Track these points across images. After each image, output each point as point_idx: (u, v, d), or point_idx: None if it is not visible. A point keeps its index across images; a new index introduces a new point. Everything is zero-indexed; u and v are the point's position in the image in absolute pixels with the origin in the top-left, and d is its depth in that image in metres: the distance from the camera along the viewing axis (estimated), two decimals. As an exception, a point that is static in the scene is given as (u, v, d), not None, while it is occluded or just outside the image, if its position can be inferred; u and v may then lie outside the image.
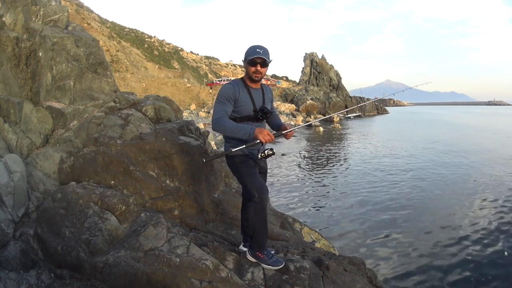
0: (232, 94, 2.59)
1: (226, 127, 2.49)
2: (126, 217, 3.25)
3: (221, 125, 2.49)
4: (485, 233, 6.67)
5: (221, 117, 2.51)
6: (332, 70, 58.71)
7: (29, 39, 4.48)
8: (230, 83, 2.68)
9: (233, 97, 2.59)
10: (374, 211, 7.97)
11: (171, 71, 70.55)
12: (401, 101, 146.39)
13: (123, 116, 4.47)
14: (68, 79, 4.53)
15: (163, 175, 3.80)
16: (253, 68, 2.60)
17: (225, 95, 2.58)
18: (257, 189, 2.58)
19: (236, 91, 2.61)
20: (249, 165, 2.67)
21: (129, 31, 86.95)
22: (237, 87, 2.63)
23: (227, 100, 2.57)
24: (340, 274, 2.92)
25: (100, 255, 2.84)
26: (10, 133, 4.08)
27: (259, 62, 2.58)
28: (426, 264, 5.47)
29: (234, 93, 2.59)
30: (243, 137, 2.49)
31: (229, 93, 2.58)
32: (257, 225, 2.63)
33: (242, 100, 2.63)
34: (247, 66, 2.62)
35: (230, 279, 2.55)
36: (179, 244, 2.80)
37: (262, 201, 2.57)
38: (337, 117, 40.74)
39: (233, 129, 2.48)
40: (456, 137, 23.14)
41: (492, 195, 9.22)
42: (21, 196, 3.48)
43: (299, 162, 14.49)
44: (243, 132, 2.46)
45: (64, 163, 3.88)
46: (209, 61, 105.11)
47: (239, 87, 2.65)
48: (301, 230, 4.75)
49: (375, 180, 11.01)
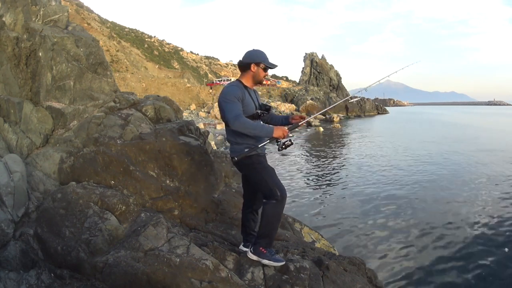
0: (241, 95, 2.68)
1: (248, 125, 2.56)
2: (126, 217, 3.25)
3: (243, 123, 2.55)
4: (486, 233, 6.67)
5: (240, 114, 2.58)
6: (332, 70, 58.75)
7: (29, 39, 4.48)
8: (234, 85, 2.75)
9: (241, 97, 2.68)
10: (374, 211, 7.97)
11: (171, 71, 70.57)
12: (401, 101, 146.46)
13: (123, 116, 4.47)
14: (68, 79, 4.53)
15: (163, 175, 3.80)
16: (265, 73, 2.79)
17: (236, 95, 2.65)
18: (279, 187, 2.67)
19: (242, 92, 2.71)
20: (266, 164, 2.78)
21: (129, 31, 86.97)
22: (241, 89, 2.73)
23: (238, 100, 2.65)
24: (340, 274, 2.92)
25: (100, 255, 2.84)
26: (10, 133, 4.08)
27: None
28: (426, 264, 5.46)
29: (242, 95, 2.69)
30: (265, 135, 2.61)
31: (238, 93, 2.67)
32: (275, 221, 2.72)
33: (247, 100, 2.73)
34: (259, 70, 2.74)
35: (230, 279, 2.55)
36: (179, 244, 2.80)
37: (283, 199, 2.68)
38: (337, 117, 40.78)
39: (255, 126, 2.58)
40: (456, 137, 23.14)
41: (494, 196, 9.21)
42: (21, 196, 3.48)
43: (299, 162, 14.49)
44: (266, 131, 2.59)
45: (64, 163, 3.88)
46: (209, 61, 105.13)
47: (242, 89, 2.74)
48: (301, 230, 4.76)
49: (375, 180, 11.01)
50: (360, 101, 57.12)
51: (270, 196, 2.67)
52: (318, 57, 59.43)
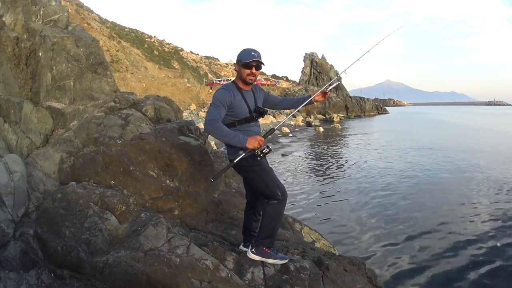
0: (228, 99, 2.63)
1: (220, 131, 2.50)
2: (126, 217, 3.24)
3: (216, 128, 2.50)
4: (486, 233, 6.66)
5: (216, 119, 2.54)
6: (332, 70, 58.75)
7: (29, 39, 4.48)
8: (225, 88, 2.70)
9: (229, 102, 2.63)
10: (374, 211, 7.97)
11: (171, 71, 70.56)
12: (401, 101, 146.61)
13: (123, 116, 4.47)
14: (68, 79, 4.53)
15: (163, 175, 3.80)
16: (248, 71, 2.67)
17: (221, 100, 2.61)
18: (280, 187, 2.68)
19: (232, 96, 2.65)
20: (265, 165, 2.75)
21: (129, 31, 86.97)
22: (232, 92, 2.67)
23: (222, 104, 2.60)
24: (340, 274, 2.92)
25: (100, 255, 2.84)
26: (10, 133, 4.08)
27: (254, 65, 2.66)
28: (426, 264, 5.46)
29: (230, 99, 2.64)
30: (236, 144, 2.54)
31: (225, 98, 2.62)
32: (276, 221, 2.74)
33: (238, 104, 2.68)
34: (241, 69, 2.68)
35: (230, 279, 2.55)
36: (179, 244, 2.80)
37: (284, 199, 2.69)
38: (337, 117, 40.80)
39: (227, 134, 2.51)
40: (456, 137, 23.15)
41: (496, 196, 9.21)
42: (21, 196, 3.49)
43: (299, 162, 14.49)
44: (237, 139, 2.51)
45: (64, 163, 3.88)
46: (209, 61, 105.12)
47: (234, 92, 2.69)
48: (301, 230, 4.75)
49: (375, 180, 11.01)
50: (360, 101, 57.20)
51: (271, 197, 2.67)
52: (318, 57, 59.46)
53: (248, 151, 2.57)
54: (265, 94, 3.04)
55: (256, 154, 2.60)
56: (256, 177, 2.74)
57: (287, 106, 3.17)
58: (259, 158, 2.62)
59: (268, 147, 2.62)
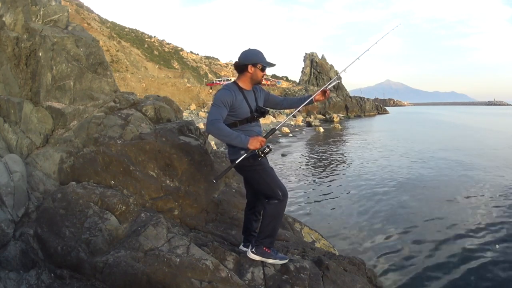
0: (230, 99, 2.64)
1: (222, 131, 2.52)
2: (126, 217, 3.24)
3: (217, 128, 2.51)
4: (487, 233, 6.65)
5: (218, 119, 2.55)
6: (332, 70, 58.75)
7: (29, 39, 4.48)
8: (226, 89, 2.71)
9: (230, 102, 2.64)
10: (374, 211, 7.96)
11: (171, 71, 70.59)
12: (401, 101, 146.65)
13: (123, 116, 4.47)
14: (68, 79, 4.53)
15: (163, 175, 3.79)
16: (263, 73, 2.75)
17: (223, 100, 2.61)
18: (280, 187, 2.70)
19: (233, 96, 2.66)
20: (266, 165, 2.76)
21: (129, 31, 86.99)
22: (233, 92, 2.68)
23: (224, 105, 2.61)
24: (340, 274, 2.92)
25: (100, 255, 2.84)
26: (10, 133, 4.08)
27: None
28: (426, 264, 5.46)
29: (231, 99, 2.65)
30: (237, 145, 2.57)
31: (226, 98, 2.63)
32: (277, 221, 2.76)
33: (239, 104, 2.69)
34: (256, 70, 2.71)
35: (230, 279, 2.55)
36: (179, 244, 2.80)
37: (285, 198, 2.71)
38: (337, 117, 40.82)
39: (229, 134, 2.52)
40: (456, 137, 23.15)
41: (497, 197, 9.20)
42: (21, 196, 3.49)
43: (299, 162, 14.49)
44: (239, 140, 2.52)
45: (64, 163, 3.88)
46: (209, 61, 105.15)
47: (235, 92, 2.70)
48: (301, 230, 4.75)
49: (375, 180, 11.01)
50: (360, 101, 57.21)
51: (272, 196, 2.68)
52: (318, 57, 59.46)
53: (250, 151, 2.59)
54: (265, 94, 3.04)
55: (257, 154, 2.61)
56: (257, 177, 2.74)
57: (288, 105, 3.18)
58: (260, 158, 2.63)
59: (268, 147, 2.64)
